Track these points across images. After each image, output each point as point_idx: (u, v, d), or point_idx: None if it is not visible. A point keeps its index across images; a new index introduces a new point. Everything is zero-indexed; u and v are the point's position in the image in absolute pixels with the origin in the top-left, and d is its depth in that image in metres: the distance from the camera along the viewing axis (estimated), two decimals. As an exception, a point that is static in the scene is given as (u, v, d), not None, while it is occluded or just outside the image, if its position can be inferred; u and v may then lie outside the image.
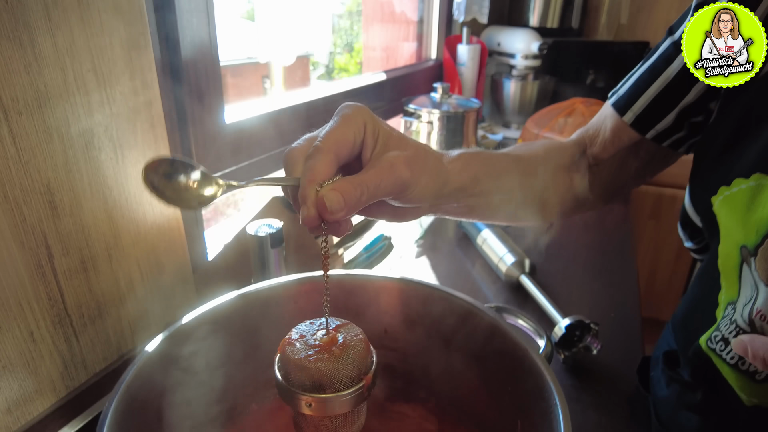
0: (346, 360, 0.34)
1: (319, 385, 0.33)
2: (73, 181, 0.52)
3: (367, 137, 0.36)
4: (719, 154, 0.44)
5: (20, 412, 0.50)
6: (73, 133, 0.51)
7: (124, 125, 0.56)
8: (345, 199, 0.33)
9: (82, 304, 0.55)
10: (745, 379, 0.42)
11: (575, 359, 0.62)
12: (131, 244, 0.60)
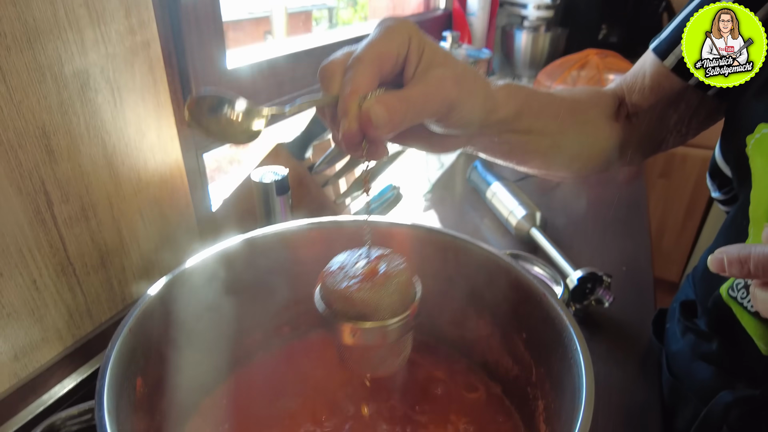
0: (390, 289, 0.33)
1: (363, 315, 0.32)
2: (69, 125, 0.49)
3: (411, 52, 0.33)
4: (759, 91, 0.42)
5: (27, 359, 0.50)
6: (66, 73, 0.48)
7: (122, 66, 0.53)
8: (390, 113, 0.30)
9: (84, 253, 0.53)
10: (765, 328, 0.40)
11: (587, 312, 0.61)
12: (133, 192, 0.58)
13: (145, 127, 0.58)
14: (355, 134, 0.30)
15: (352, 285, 0.33)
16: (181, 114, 0.65)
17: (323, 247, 0.43)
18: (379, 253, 0.36)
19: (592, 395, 0.28)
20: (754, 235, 0.41)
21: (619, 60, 1.21)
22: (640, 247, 0.78)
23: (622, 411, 0.50)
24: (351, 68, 0.31)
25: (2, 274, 0.46)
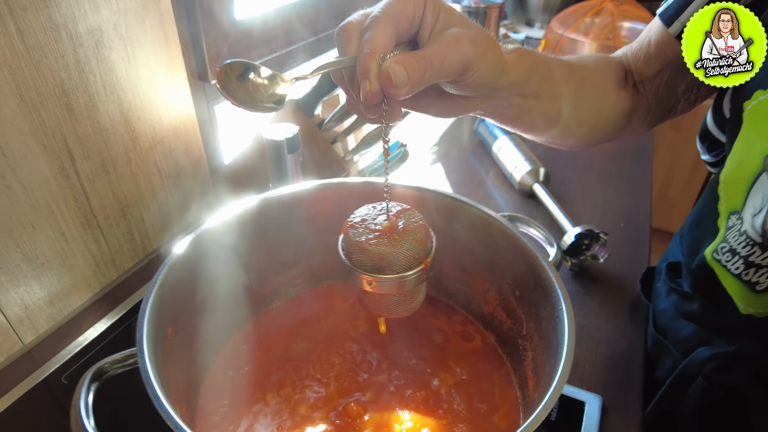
0: (405, 245, 0.35)
1: (379, 267, 0.35)
2: (86, 83, 0.51)
3: (427, 13, 0.34)
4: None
5: (61, 305, 0.54)
6: (81, 31, 0.49)
7: (133, 22, 0.54)
8: (409, 73, 0.31)
9: (106, 206, 0.56)
10: (746, 289, 0.43)
11: (582, 266, 0.64)
12: (149, 146, 0.60)
13: (158, 81, 0.59)
14: (376, 94, 0.31)
15: (372, 238, 0.35)
16: (192, 67, 0.66)
17: (333, 205, 0.46)
18: (398, 208, 0.38)
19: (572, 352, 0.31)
20: (727, 198, 0.43)
21: (635, 8, 1.17)
22: (641, 204, 0.80)
23: (609, 360, 0.55)
24: (369, 29, 0.31)
25: (35, 228, 0.49)
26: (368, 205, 0.38)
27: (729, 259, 0.44)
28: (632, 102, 0.55)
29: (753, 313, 0.43)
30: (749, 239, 0.42)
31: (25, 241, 0.49)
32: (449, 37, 0.33)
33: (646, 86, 0.55)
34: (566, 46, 1.14)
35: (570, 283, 0.63)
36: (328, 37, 0.91)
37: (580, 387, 0.50)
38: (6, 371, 0.50)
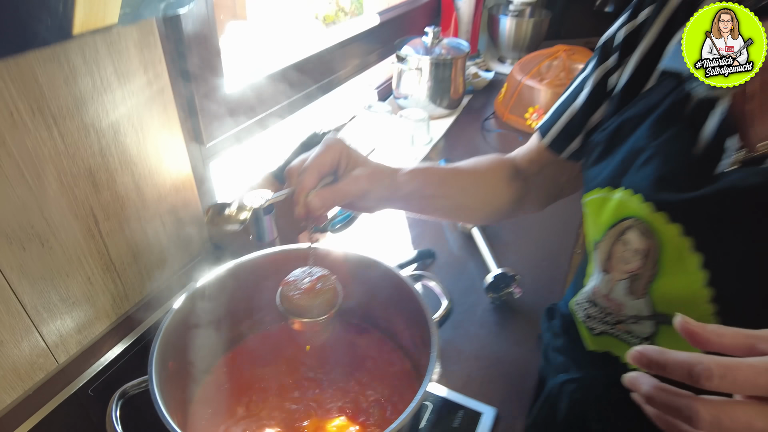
0: (318, 301, 0.51)
1: (300, 313, 0.51)
2: (107, 164, 0.66)
3: (341, 160, 0.50)
4: (594, 163, 0.56)
5: (87, 332, 0.69)
6: (104, 126, 0.64)
7: (143, 112, 0.69)
8: (323, 202, 0.48)
9: (121, 254, 0.71)
10: (587, 332, 0.58)
11: (502, 301, 0.78)
12: (155, 205, 0.75)
13: (163, 153, 0.74)
14: (303, 215, 0.47)
15: (297, 294, 0.51)
16: (189, 138, 0.81)
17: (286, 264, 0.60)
18: (320, 274, 0.53)
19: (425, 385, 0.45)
20: (589, 265, 0.58)
21: (586, 56, 1.31)
22: (564, 245, 0.94)
23: (510, 379, 0.69)
24: (302, 173, 0.47)
25: (68, 275, 0.64)
26: (301, 268, 0.53)
27: (579, 309, 0.59)
28: (522, 192, 0.69)
29: (594, 350, 0.57)
30: (587, 298, 0.57)
31: (61, 286, 0.64)
32: (352, 176, 0.48)
33: (533, 180, 0.69)
34: (524, 91, 1.29)
35: (491, 315, 0.78)
36: (301, 98, 1.06)
37: (482, 401, 0.64)
38: (45, 386, 0.66)
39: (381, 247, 0.92)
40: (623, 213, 0.50)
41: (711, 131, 0.47)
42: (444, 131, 1.33)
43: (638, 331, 0.52)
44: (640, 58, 0.55)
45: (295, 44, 1.13)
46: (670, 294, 0.47)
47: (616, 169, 0.51)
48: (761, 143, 0.44)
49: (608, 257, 0.53)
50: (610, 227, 0.52)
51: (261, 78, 0.96)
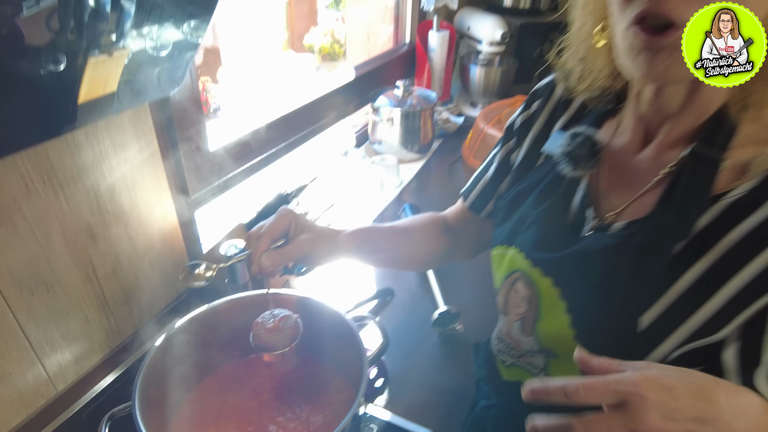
0: (282, 336, 0.62)
1: (266, 348, 0.62)
2: (104, 219, 0.78)
3: (291, 227, 0.62)
4: (498, 224, 0.68)
5: (83, 363, 0.80)
6: (102, 189, 0.76)
7: (136, 175, 0.81)
8: (272, 262, 0.59)
9: (115, 295, 0.83)
10: (501, 365, 0.69)
11: (447, 335, 0.89)
12: (145, 251, 0.86)
13: (152, 207, 0.86)
14: (257, 272, 0.59)
15: (264, 332, 0.62)
16: (176, 191, 0.92)
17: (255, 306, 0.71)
18: (283, 315, 0.65)
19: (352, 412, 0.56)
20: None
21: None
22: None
23: (449, 404, 0.79)
24: (257, 239, 0.59)
25: (68, 315, 0.76)
26: (269, 311, 0.65)
27: (494, 345, 0.70)
28: (452, 244, 0.80)
29: (508, 380, 0.68)
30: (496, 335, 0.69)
31: (62, 324, 0.75)
32: (298, 240, 0.60)
33: (461, 234, 0.81)
34: (486, 138, 1.41)
35: (437, 348, 0.89)
36: (282, 149, 1.19)
37: (422, 425, 0.74)
38: (46, 410, 0.76)
39: (345, 286, 1.03)
40: (514, 267, 0.61)
41: (577, 204, 0.59)
42: (414, 174, 1.45)
43: (536, 363, 0.63)
44: (531, 141, 0.67)
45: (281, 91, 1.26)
46: (548, 333, 0.58)
47: (511, 230, 0.63)
48: (608, 214, 0.56)
49: (505, 302, 0.64)
50: (506, 277, 0.63)
51: (243, 134, 1.09)
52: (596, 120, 0.61)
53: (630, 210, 0.55)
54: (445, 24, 1.73)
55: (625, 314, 0.51)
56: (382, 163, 1.33)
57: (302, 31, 5.64)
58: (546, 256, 0.57)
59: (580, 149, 0.58)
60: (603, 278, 0.53)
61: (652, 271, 0.50)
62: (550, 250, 0.57)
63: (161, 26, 0.69)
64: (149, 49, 0.70)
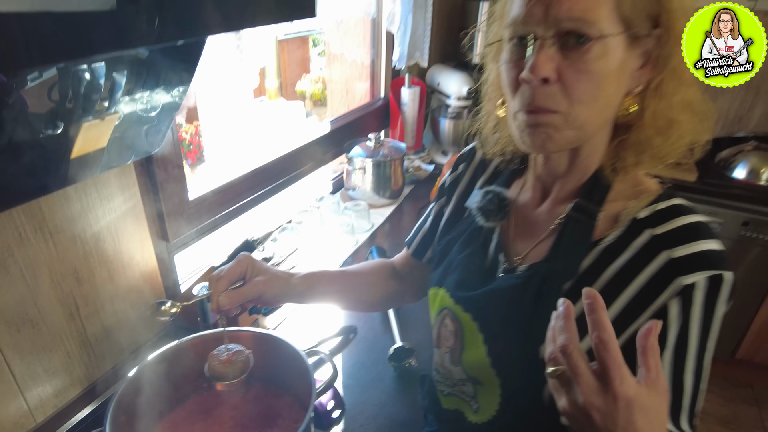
0: (233, 368, 0.70)
1: (219, 378, 0.70)
2: (89, 263, 0.86)
3: (248, 270, 0.71)
4: (433, 269, 0.77)
5: (62, 396, 0.87)
6: (88, 236, 0.85)
7: (119, 224, 0.90)
8: (230, 302, 0.68)
9: (96, 332, 0.90)
10: (440, 394, 0.77)
11: (403, 369, 0.97)
12: (126, 292, 0.95)
13: (134, 252, 0.95)
14: (215, 310, 0.67)
15: (218, 364, 0.70)
16: (156, 237, 1.01)
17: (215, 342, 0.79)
18: (236, 350, 0.73)
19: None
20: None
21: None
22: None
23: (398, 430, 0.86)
24: (216, 281, 0.67)
25: (51, 351, 0.83)
26: (224, 345, 0.73)
27: (434, 376, 0.78)
28: (400, 288, 0.89)
29: (447, 408, 0.75)
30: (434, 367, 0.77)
31: (45, 360, 0.83)
32: (253, 282, 0.69)
33: (407, 278, 0.90)
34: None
35: (392, 381, 0.96)
36: (261, 195, 1.30)
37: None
38: (26, 441, 0.82)
39: (311, 324, 1.11)
40: (443, 304, 0.71)
41: (492, 250, 0.69)
42: (386, 217, 1.56)
43: (467, 390, 0.71)
44: (457, 198, 0.78)
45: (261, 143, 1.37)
46: (471, 362, 0.66)
47: (441, 273, 0.72)
48: (516, 258, 0.66)
49: (438, 336, 0.73)
50: (437, 314, 0.72)
51: (223, 182, 1.19)
52: (507, 180, 0.72)
53: (532, 254, 0.65)
54: (417, 80, 1.88)
55: (529, 343, 0.60)
56: (354, 208, 1.43)
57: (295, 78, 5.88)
58: (466, 295, 0.66)
59: (492, 204, 0.68)
60: (510, 313, 0.62)
61: (548, 306, 0.59)
62: (470, 290, 0.66)
63: (148, 92, 0.80)
64: (137, 112, 0.81)
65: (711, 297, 0.55)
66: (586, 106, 0.54)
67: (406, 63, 1.80)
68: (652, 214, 0.58)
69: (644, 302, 0.56)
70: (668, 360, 0.56)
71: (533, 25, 0.53)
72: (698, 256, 0.55)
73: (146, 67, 0.78)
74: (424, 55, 1.86)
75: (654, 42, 0.55)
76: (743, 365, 2.16)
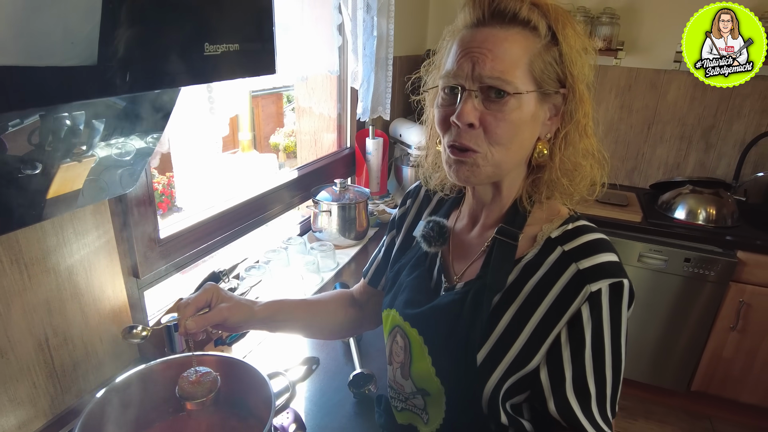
0: (202, 388, 0.75)
1: (188, 397, 0.74)
2: (61, 295, 0.91)
3: (213, 298, 0.77)
4: (386, 293, 0.85)
5: (26, 428, 0.88)
6: (62, 269, 0.90)
7: (92, 258, 0.96)
8: (196, 326, 0.73)
9: (64, 364, 0.93)
10: (395, 410, 0.82)
11: (363, 395, 1.02)
12: (96, 325, 0.99)
13: (105, 286, 1.00)
14: (182, 334, 0.73)
15: (187, 385, 0.75)
16: (128, 274, 1.07)
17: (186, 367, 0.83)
18: (204, 372, 0.78)
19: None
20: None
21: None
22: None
23: None
24: (184, 307, 0.73)
25: (17, 380, 0.86)
26: (193, 368, 0.78)
27: (388, 393, 0.84)
28: (359, 315, 0.97)
29: (402, 423, 0.81)
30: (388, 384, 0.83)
31: (11, 389, 0.85)
32: (217, 308, 0.75)
33: (365, 306, 0.97)
34: (413, 226, 1.64)
35: (353, 407, 1.00)
36: (230, 235, 1.36)
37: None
38: (-13, 473, 0.83)
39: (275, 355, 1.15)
40: (394, 323, 0.78)
41: (436, 272, 0.78)
42: (352, 256, 1.63)
43: (417, 403, 0.77)
44: (406, 229, 0.88)
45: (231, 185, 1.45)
46: (419, 374, 0.73)
47: (393, 296, 0.81)
48: (455, 277, 0.75)
49: (390, 353, 0.80)
50: (389, 333, 0.80)
51: (194, 222, 1.26)
52: (446, 211, 0.82)
53: (467, 273, 0.74)
54: (380, 132, 2.02)
55: (468, 352, 0.68)
56: (320, 248, 1.51)
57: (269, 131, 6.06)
58: (413, 312, 0.74)
59: (433, 232, 0.78)
60: (450, 325, 0.70)
61: (481, 317, 0.68)
62: (417, 307, 0.74)
63: (124, 138, 0.89)
64: (113, 156, 0.88)
65: (615, 300, 0.64)
66: (502, 148, 0.66)
67: (369, 116, 1.94)
68: (562, 234, 0.68)
69: (561, 308, 0.65)
70: (588, 356, 0.65)
71: (462, 79, 0.65)
72: (600, 266, 0.65)
73: (123, 115, 0.87)
74: (386, 110, 2.01)
75: (561, 99, 0.67)
76: (699, 397, 2.24)
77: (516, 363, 0.66)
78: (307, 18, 1.51)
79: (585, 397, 0.65)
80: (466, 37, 0.65)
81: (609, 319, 0.65)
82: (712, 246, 2.01)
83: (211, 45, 0.65)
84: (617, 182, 2.56)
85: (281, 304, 0.86)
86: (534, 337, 0.65)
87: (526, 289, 0.67)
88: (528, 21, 0.64)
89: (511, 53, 0.63)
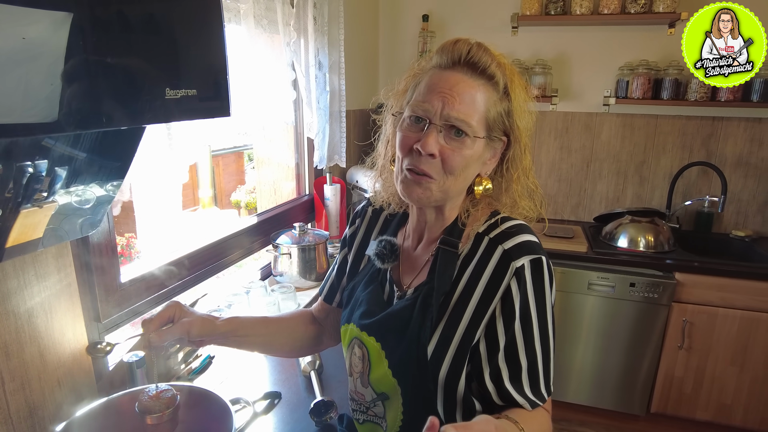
0: (160, 403, 0.78)
1: (147, 411, 0.76)
2: (20, 338, 0.92)
3: (176, 313, 0.81)
4: (343, 309, 0.91)
5: (-20, 477, 0.87)
6: (22, 311, 0.92)
7: (53, 301, 0.98)
8: (160, 339, 0.77)
9: (20, 409, 0.93)
10: (357, 423, 0.86)
11: (325, 424, 1.04)
12: (54, 369, 0.99)
13: (65, 330, 1.01)
14: (147, 346, 0.76)
15: (147, 399, 0.78)
16: (89, 317, 1.08)
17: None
18: (164, 388, 0.80)
19: None
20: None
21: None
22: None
23: None
24: (150, 321, 0.77)
25: (-27, 427, 0.85)
26: (154, 384, 0.81)
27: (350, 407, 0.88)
28: (318, 332, 1.02)
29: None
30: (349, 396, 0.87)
31: (-34, 436, 0.84)
32: (179, 323, 0.80)
33: (324, 323, 1.03)
34: (371, 263, 1.71)
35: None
36: (191, 280, 1.39)
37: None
38: None
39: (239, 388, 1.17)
40: (352, 335, 0.84)
41: (388, 285, 0.85)
42: (312, 297, 1.68)
43: (377, 411, 0.81)
44: (356, 247, 0.95)
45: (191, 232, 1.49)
46: (378, 379, 0.79)
47: (350, 311, 0.87)
48: (405, 287, 0.82)
49: (350, 364, 0.85)
50: (348, 345, 0.85)
51: (154, 267, 1.29)
52: (394, 230, 0.91)
53: (415, 281, 0.82)
54: (337, 179, 2.12)
55: (419, 349, 0.74)
56: (280, 290, 1.55)
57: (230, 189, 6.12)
58: (369, 321, 0.81)
59: (386, 250, 0.86)
60: (403, 328, 0.77)
61: (429, 315, 0.75)
62: (372, 317, 0.81)
63: (84, 185, 0.94)
64: (73, 203, 0.93)
65: (536, 275, 0.74)
66: (454, 177, 0.76)
67: (326, 164, 2.05)
68: (487, 227, 0.79)
69: (494, 287, 0.74)
70: (518, 327, 0.74)
71: (431, 114, 0.75)
72: (521, 245, 0.75)
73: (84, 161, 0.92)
74: (342, 158, 2.12)
75: (501, 145, 0.80)
76: (660, 418, 2.31)
77: (462, 347, 0.73)
78: (262, 72, 1.62)
79: (515, 366, 0.73)
80: (439, 77, 0.76)
81: (533, 292, 0.74)
82: (653, 270, 2.16)
83: (172, 90, 0.74)
84: (564, 217, 2.73)
85: (242, 320, 0.90)
86: (474, 318, 0.74)
87: (463, 279, 0.76)
88: (492, 76, 0.76)
89: (476, 101, 0.75)
